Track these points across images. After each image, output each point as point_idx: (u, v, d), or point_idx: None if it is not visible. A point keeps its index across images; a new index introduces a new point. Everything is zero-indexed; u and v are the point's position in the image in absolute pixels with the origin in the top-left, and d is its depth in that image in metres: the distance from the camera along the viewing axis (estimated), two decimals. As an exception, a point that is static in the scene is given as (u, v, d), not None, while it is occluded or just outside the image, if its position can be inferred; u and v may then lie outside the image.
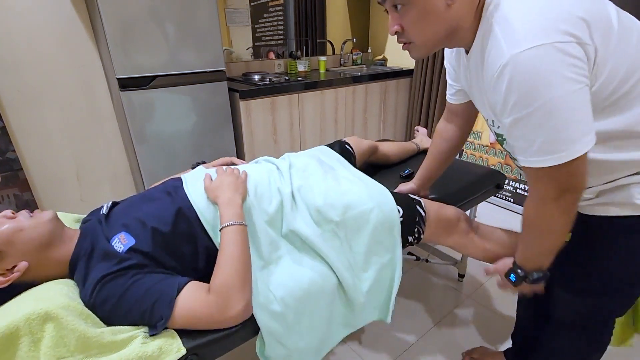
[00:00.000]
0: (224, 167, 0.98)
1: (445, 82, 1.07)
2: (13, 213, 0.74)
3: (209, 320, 0.71)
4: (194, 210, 0.86)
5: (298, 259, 0.89)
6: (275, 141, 2.27)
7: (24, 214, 0.74)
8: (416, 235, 0.99)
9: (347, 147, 1.30)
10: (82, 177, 2.06)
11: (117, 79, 1.68)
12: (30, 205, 1.84)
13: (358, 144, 1.34)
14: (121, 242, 0.76)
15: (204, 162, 1.06)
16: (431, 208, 1.02)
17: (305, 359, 0.85)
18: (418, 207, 1.00)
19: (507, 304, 1.51)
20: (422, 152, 1.64)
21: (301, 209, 0.94)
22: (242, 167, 1.06)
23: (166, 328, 0.71)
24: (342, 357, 1.29)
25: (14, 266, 0.68)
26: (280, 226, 0.93)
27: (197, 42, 1.84)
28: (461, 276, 1.66)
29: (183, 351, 0.68)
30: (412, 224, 0.98)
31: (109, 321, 0.70)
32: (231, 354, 1.28)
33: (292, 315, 0.80)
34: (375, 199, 0.96)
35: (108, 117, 2.05)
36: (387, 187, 1.04)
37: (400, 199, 1.00)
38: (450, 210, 1.04)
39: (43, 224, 0.73)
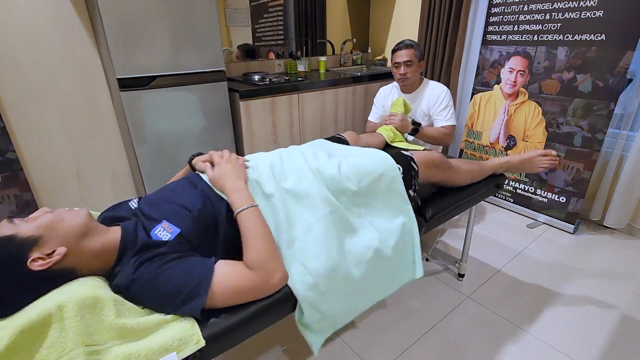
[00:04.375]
0: (221, 154, 1.02)
1: (445, 82, 1.24)
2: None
3: (254, 292, 0.77)
4: (219, 195, 0.91)
5: (325, 230, 0.93)
6: (275, 141, 2.27)
7: (61, 208, 0.79)
8: (415, 188, 1.16)
9: (339, 136, 1.49)
10: (82, 177, 2.06)
11: (117, 79, 1.68)
12: (30, 205, 1.84)
13: (351, 135, 1.53)
14: (166, 231, 0.81)
15: (200, 154, 1.08)
16: (419, 159, 1.21)
17: (338, 320, 0.92)
18: (412, 162, 1.17)
19: (507, 304, 1.52)
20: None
21: (322, 182, 1.00)
22: (251, 156, 1.10)
23: (203, 312, 0.72)
24: (342, 356, 1.29)
25: (54, 251, 0.70)
26: (305, 199, 0.96)
27: (197, 42, 1.84)
28: (461, 276, 1.66)
29: (202, 343, 0.69)
30: (410, 178, 1.14)
31: (146, 293, 0.73)
32: (231, 353, 1.29)
33: (324, 284, 0.86)
34: (382, 165, 1.09)
35: (108, 117, 2.05)
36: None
37: (398, 158, 1.15)
38: (433, 154, 1.25)
39: (81, 216, 0.77)
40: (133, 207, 0.91)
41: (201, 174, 1.00)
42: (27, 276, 0.67)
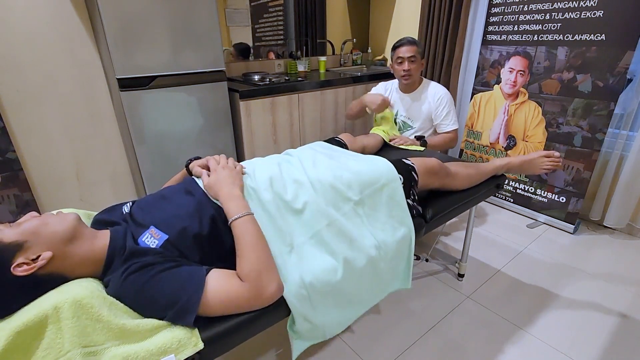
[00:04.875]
0: (217, 160, 1.00)
1: (445, 82, 1.27)
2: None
3: (248, 304, 0.75)
4: (215, 203, 0.89)
5: (323, 244, 0.93)
6: (275, 141, 2.27)
7: (48, 213, 0.78)
8: (413, 197, 1.16)
9: (338, 139, 1.48)
10: (82, 177, 2.06)
11: (117, 79, 1.68)
12: (30, 205, 1.84)
13: (348, 137, 1.57)
14: (154, 237, 0.80)
15: (197, 158, 1.07)
16: (420, 167, 1.21)
17: (328, 331, 0.92)
18: (413, 172, 1.17)
19: (507, 304, 1.52)
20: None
21: (321, 192, 0.99)
22: (249, 162, 1.08)
23: (196, 319, 0.71)
24: (342, 357, 1.29)
25: (39, 256, 0.69)
26: (303, 212, 0.95)
27: (197, 42, 1.84)
28: (461, 276, 1.66)
29: (200, 345, 0.69)
30: (408, 187, 1.14)
31: (137, 306, 0.72)
32: (228, 355, 1.29)
33: (317, 298, 0.86)
34: (384, 175, 1.08)
35: (108, 117, 2.05)
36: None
37: (399, 167, 1.14)
38: (431, 162, 1.25)
39: (68, 220, 0.76)
40: (124, 212, 0.90)
41: (197, 179, 0.98)
42: (11, 282, 0.66)
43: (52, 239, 0.72)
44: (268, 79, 2.27)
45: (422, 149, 1.71)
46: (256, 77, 2.33)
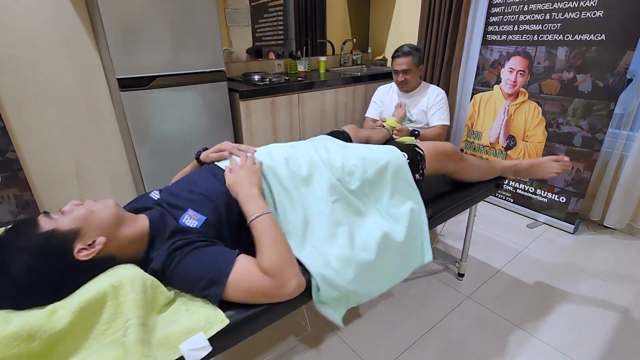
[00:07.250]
0: (237, 157, 1.04)
1: (445, 82, 1.25)
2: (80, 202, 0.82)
3: (267, 296, 0.78)
4: None
5: (335, 215, 0.98)
6: (275, 141, 2.27)
7: (89, 200, 0.82)
8: (420, 172, 1.19)
9: (340, 130, 1.53)
10: (82, 177, 2.06)
11: (117, 79, 1.68)
12: (30, 205, 1.84)
13: (352, 128, 1.58)
14: (193, 219, 0.85)
15: (206, 149, 1.11)
16: (431, 148, 1.25)
17: (352, 299, 0.92)
18: (417, 148, 1.22)
19: (507, 304, 1.52)
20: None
21: (332, 171, 1.05)
22: (265, 147, 1.11)
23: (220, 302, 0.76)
24: (343, 357, 1.29)
25: (94, 241, 0.75)
26: (317, 187, 1.01)
27: (197, 42, 1.84)
28: (461, 276, 1.66)
29: (226, 321, 0.73)
30: (416, 163, 1.18)
31: (176, 277, 0.78)
32: (231, 351, 1.29)
33: (347, 271, 0.89)
34: (387, 154, 1.14)
35: (108, 117, 2.05)
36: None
37: (401, 146, 1.20)
38: (445, 144, 1.29)
39: (110, 207, 0.81)
40: (156, 198, 0.94)
41: (218, 164, 1.03)
42: (75, 265, 0.72)
43: (102, 225, 0.77)
44: (268, 79, 2.27)
45: (414, 140, 1.80)
46: (256, 77, 2.33)
